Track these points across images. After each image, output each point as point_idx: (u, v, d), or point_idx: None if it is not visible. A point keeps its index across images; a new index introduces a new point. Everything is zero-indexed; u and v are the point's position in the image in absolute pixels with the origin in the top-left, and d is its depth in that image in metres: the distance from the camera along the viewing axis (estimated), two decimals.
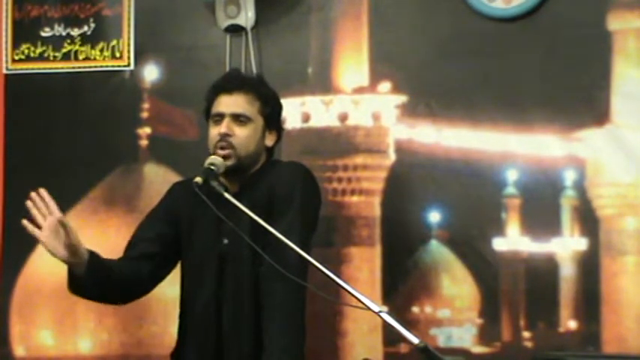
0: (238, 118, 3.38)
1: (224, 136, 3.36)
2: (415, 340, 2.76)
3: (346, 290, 2.92)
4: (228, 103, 3.41)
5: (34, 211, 3.24)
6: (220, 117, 3.41)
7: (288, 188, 3.37)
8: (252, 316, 3.33)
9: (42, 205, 3.24)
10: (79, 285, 3.30)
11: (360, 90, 4.37)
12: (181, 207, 3.40)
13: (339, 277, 3.01)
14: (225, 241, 3.36)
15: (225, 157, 3.35)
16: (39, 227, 3.22)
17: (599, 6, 4.08)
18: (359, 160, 4.34)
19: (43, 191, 3.26)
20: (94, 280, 3.29)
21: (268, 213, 3.29)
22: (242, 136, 3.37)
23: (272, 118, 3.45)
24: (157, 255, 3.45)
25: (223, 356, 3.37)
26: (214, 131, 3.41)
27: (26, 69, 4.78)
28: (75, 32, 4.72)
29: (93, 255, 3.29)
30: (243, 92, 3.41)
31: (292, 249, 3.03)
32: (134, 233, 3.56)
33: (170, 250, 3.48)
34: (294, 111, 4.36)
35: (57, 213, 3.22)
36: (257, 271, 3.30)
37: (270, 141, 3.46)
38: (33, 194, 3.27)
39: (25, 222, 3.24)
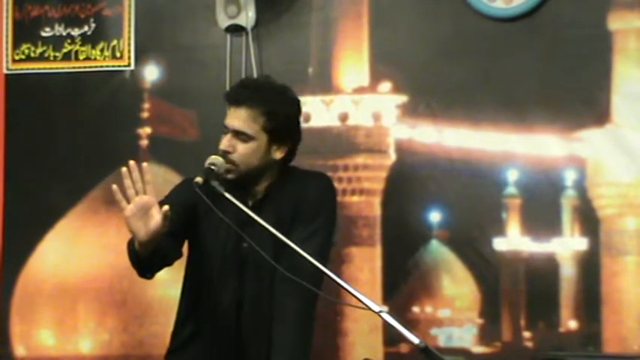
0: (239, 135, 3.34)
1: (224, 153, 3.33)
2: (416, 340, 2.76)
3: (347, 290, 2.93)
4: (233, 118, 3.33)
5: (128, 182, 3.08)
6: (227, 129, 3.37)
7: (316, 199, 3.36)
8: (271, 319, 3.32)
9: (139, 179, 3.08)
10: (142, 263, 3.24)
11: (360, 90, 4.37)
12: (198, 201, 3.34)
13: (339, 277, 3.02)
14: (245, 244, 3.34)
15: (227, 171, 3.33)
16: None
17: (600, 6, 4.08)
18: (359, 160, 4.34)
19: (145, 166, 3.09)
20: (157, 261, 3.23)
21: (292, 221, 3.29)
22: (243, 153, 3.32)
23: (278, 133, 3.35)
24: (177, 233, 3.40)
25: (243, 356, 3.36)
26: (221, 142, 3.37)
27: (26, 69, 4.78)
28: (75, 32, 4.73)
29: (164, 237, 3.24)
30: (248, 106, 3.33)
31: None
32: None
33: (187, 231, 3.44)
34: None
35: (153, 199, 3.07)
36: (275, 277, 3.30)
37: (279, 154, 3.36)
38: (132, 163, 3.09)
39: (115, 188, 3.07)
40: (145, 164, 3.11)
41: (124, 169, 3.10)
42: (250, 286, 3.35)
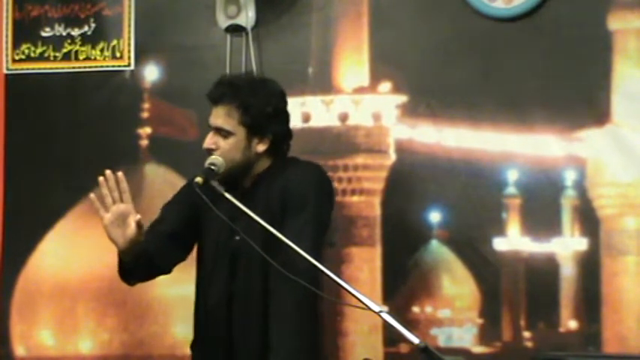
0: (220, 132, 3.39)
1: (208, 151, 3.38)
2: (415, 340, 2.76)
3: (347, 290, 2.93)
4: (213, 115, 3.43)
5: (105, 191, 3.23)
6: (210, 128, 3.43)
7: (303, 189, 3.36)
8: (261, 313, 3.32)
9: (115, 188, 3.22)
10: (124, 269, 3.35)
11: (360, 90, 4.37)
12: (201, 202, 3.37)
13: (339, 277, 3.01)
14: (237, 237, 3.35)
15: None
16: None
17: (600, 6, 4.08)
18: (359, 160, 4.34)
19: (121, 175, 3.23)
20: (140, 268, 3.35)
21: (282, 212, 3.30)
22: (225, 149, 3.37)
23: (256, 126, 3.39)
24: (179, 235, 3.45)
25: (233, 350, 3.37)
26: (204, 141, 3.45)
27: (26, 69, 4.78)
28: (75, 32, 4.72)
29: (145, 245, 3.32)
30: (224, 103, 3.40)
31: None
32: (160, 213, 3.54)
33: (191, 231, 3.47)
34: (295, 111, 4.35)
35: (130, 207, 3.22)
36: (267, 269, 3.29)
37: (261, 147, 3.39)
38: (108, 173, 3.23)
39: (92, 197, 3.24)
40: (120, 173, 3.23)
41: (100, 179, 3.23)
42: (241, 280, 3.36)
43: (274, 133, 3.41)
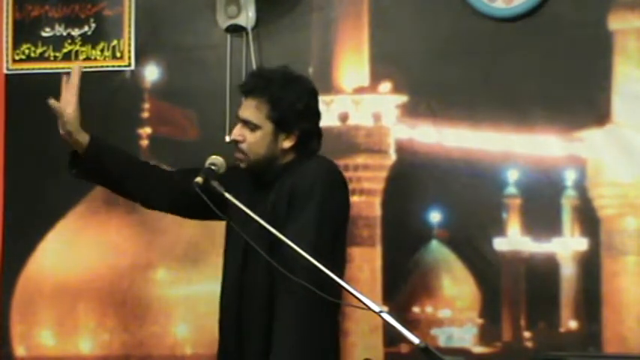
0: (247, 124, 3.37)
1: (234, 143, 3.36)
2: (416, 340, 2.75)
3: (347, 290, 2.92)
4: (243, 107, 3.39)
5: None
6: (238, 120, 3.40)
7: (307, 187, 3.32)
8: (265, 306, 3.30)
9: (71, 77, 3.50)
10: (73, 157, 3.50)
11: (360, 90, 4.38)
12: (227, 190, 3.35)
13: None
14: (253, 224, 3.33)
15: (238, 160, 3.36)
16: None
17: (600, 6, 4.08)
18: (360, 160, 4.34)
19: (79, 69, 3.54)
20: (90, 165, 3.48)
21: (287, 209, 3.28)
22: (251, 142, 3.35)
23: (284, 122, 3.36)
24: (178, 186, 3.45)
25: (243, 342, 3.36)
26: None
27: (27, 69, 4.78)
28: (75, 32, 4.72)
29: (94, 140, 3.47)
30: (253, 96, 3.37)
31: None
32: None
33: (196, 202, 3.42)
34: None
35: (65, 92, 3.52)
36: (271, 265, 3.28)
37: (287, 143, 3.36)
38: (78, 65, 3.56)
39: (72, 71, 3.52)
40: (78, 67, 3.56)
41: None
42: (250, 272, 3.35)
43: (302, 130, 3.37)
